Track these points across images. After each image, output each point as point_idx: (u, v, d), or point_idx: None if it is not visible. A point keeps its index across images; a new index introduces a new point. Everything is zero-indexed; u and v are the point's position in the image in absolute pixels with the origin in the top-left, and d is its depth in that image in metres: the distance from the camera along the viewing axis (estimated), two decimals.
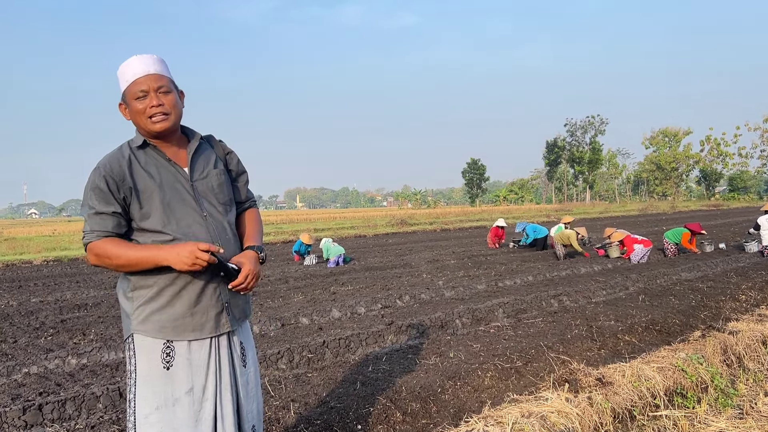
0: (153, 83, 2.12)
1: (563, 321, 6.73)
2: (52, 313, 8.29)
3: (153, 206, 2.10)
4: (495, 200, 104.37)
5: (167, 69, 2.22)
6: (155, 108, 2.11)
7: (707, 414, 3.67)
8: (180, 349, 2.12)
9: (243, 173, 2.48)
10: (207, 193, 2.24)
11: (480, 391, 4.52)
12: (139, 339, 2.12)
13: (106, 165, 2.08)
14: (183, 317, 2.11)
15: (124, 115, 2.21)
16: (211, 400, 2.16)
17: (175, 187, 2.16)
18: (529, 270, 11.46)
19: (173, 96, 2.17)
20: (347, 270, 12.44)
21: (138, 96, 2.12)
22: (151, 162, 2.16)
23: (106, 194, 2.05)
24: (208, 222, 2.19)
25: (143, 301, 2.11)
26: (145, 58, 2.14)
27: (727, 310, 7.19)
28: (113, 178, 2.06)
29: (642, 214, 40.08)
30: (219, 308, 2.18)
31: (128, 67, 2.14)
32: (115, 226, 2.08)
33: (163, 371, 2.10)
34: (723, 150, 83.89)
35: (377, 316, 7.42)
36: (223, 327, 2.19)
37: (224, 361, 2.21)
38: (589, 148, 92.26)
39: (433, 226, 30.17)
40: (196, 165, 2.25)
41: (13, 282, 12.18)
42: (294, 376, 4.93)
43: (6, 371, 5.38)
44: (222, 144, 2.42)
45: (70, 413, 4.25)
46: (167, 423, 2.10)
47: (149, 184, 2.11)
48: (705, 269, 10.70)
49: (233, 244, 2.28)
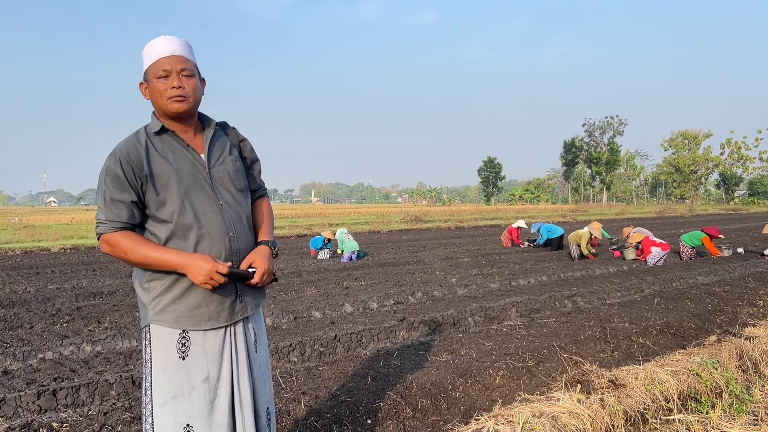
0: (177, 65, 2.11)
1: (577, 322, 6.68)
2: (68, 300, 8.40)
3: (170, 193, 2.08)
4: (510, 199, 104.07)
5: (193, 54, 2.21)
6: (175, 89, 2.09)
7: (721, 420, 3.62)
8: (195, 338, 2.13)
9: (256, 161, 2.47)
10: (224, 180, 2.22)
11: (491, 389, 4.50)
12: (155, 329, 2.12)
13: (122, 150, 2.05)
14: (199, 307, 2.12)
15: (144, 94, 2.19)
16: (226, 387, 2.17)
17: (193, 174, 2.15)
18: (544, 270, 11.39)
19: (195, 81, 2.16)
20: (360, 265, 12.46)
21: (160, 75, 2.10)
22: (168, 148, 2.14)
23: (122, 181, 2.02)
24: (223, 210, 2.18)
25: (159, 291, 2.11)
26: (172, 39, 2.14)
27: (743, 316, 7.09)
28: (130, 165, 2.03)
29: (659, 217, 39.72)
30: (233, 296, 2.19)
31: (154, 46, 2.13)
32: (129, 217, 2.06)
33: (179, 361, 2.11)
34: (743, 153, 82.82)
35: (389, 311, 7.42)
36: (237, 315, 2.20)
37: (240, 348, 2.23)
38: (607, 148, 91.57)
39: (447, 224, 30.13)
40: (213, 151, 2.24)
41: (31, 269, 12.35)
42: (305, 369, 4.95)
43: (22, 356, 5.46)
44: (235, 131, 2.40)
45: (84, 399, 4.31)
46: (183, 411, 2.11)
47: (166, 170, 2.09)
48: (722, 273, 10.56)
49: (247, 232, 2.28)
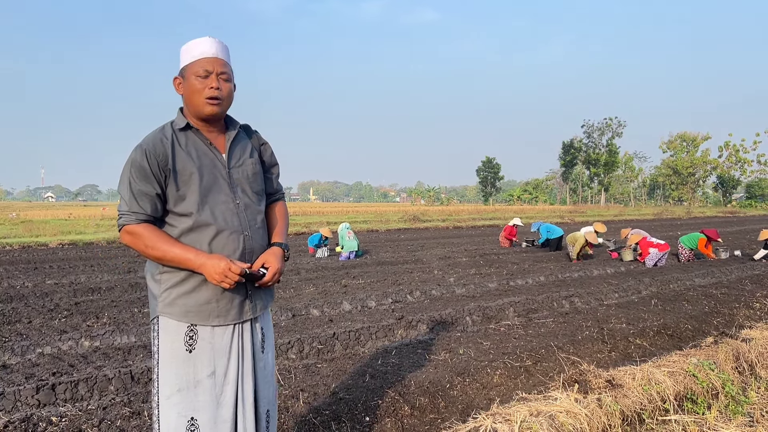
0: (218, 67, 2.17)
1: (574, 322, 6.71)
2: (66, 296, 8.40)
3: (190, 189, 2.13)
4: (509, 199, 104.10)
5: (230, 59, 2.28)
6: (213, 90, 2.15)
7: (717, 421, 3.64)
8: (203, 333, 2.17)
9: (275, 165, 2.53)
10: (242, 181, 2.28)
11: (489, 388, 4.52)
12: (164, 321, 2.16)
13: (149, 144, 2.10)
14: (208, 303, 2.15)
15: (177, 89, 2.24)
16: (232, 384, 2.20)
17: (213, 173, 2.20)
18: (541, 270, 11.41)
19: (230, 86, 2.23)
20: (359, 264, 12.47)
21: (200, 74, 2.15)
22: (191, 145, 2.20)
23: (148, 173, 2.07)
24: (240, 210, 2.23)
25: (171, 284, 2.15)
26: (216, 41, 2.20)
27: (740, 318, 7.13)
28: (156, 158, 2.08)
29: (657, 219, 39.76)
30: (243, 296, 2.23)
31: (198, 45, 2.18)
32: (153, 209, 2.11)
33: (186, 354, 2.15)
34: (742, 156, 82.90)
35: (388, 310, 7.44)
36: (245, 314, 2.24)
37: (247, 347, 2.26)
38: (605, 150, 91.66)
39: (445, 224, 30.13)
40: (234, 152, 2.29)
41: (29, 264, 12.33)
42: (304, 367, 4.96)
43: (21, 351, 5.46)
44: (258, 135, 2.46)
45: (83, 394, 4.32)
46: (188, 404, 2.14)
47: (189, 166, 2.14)
48: (719, 276, 10.60)
49: (261, 233, 2.33)
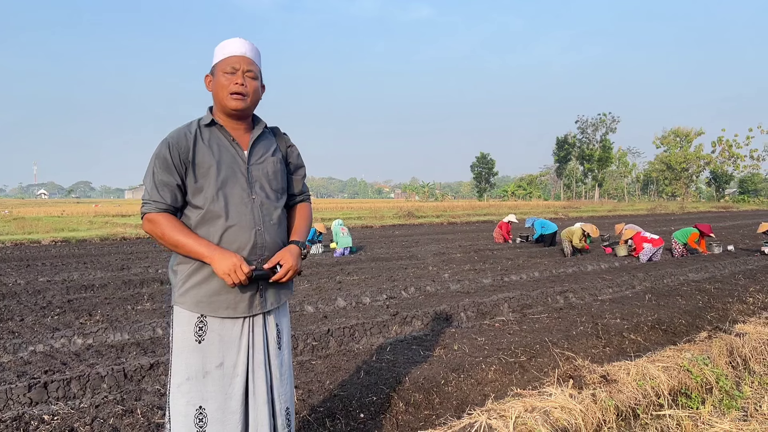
0: (245, 65, 2.27)
1: (569, 318, 6.71)
2: (59, 293, 8.34)
3: (207, 181, 2.22)
4: (503, 195, 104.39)
5: (260, 60, 2.38)
6: (238, 86, 2.24)
7: (711, 415, 3.65)
8: (213, 324, 2.23)
9: (301, 167, 2.59)
10: (260, 178, 2.34)
11: (483, 384, 4.51)
12: (177, 311, 2.27)
13: (173, 137, 2.23)
14: (218, 294, 2.22)
15: (207, 86, 2.35)
16: (241, 376, 2.26)
17: (232, 167, 2.27)
18: (536, 266, 11.43)
19: (257, 84, 2.32)
20: (353, 260, 12.45)
21: (227, 71, 2.26)
22: (214, 139, 2.29)
23: (170, 164, 2.19)
24: (255, 205, 2.29)
25: (185, 274, 2.24)
26: (246, 42, 2.32)
27: (734, 312, 7.15)
28: (178, 150, 2.20)
29: (651, 214, 39.94)
30: (254, 290, 2.28)
31: (228, 45, 2.30)
32: (173, 200, 2.21)
33: (195, 344, 2.22)
34: (734, 152, 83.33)
35: (382, 306, 7.43)
36: (255, 308, 2.29)
37: (258, 341, 2.30)
38: (599, 145, 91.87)
39: (440, 219, 30.16)
40: (255, 150, 2.36)
41: (21, 261, 12.26)
42: (298, 363, 4.94)
43: (12, 349, 5.42)
44: (285, 137, 2.54)
45: (75, 392, 4.29)
46: (197, 394, 2.21)
47: (208, 159, 2.23)
48: (713, 270, 10.64)
49: (276, 230, 2.36)
